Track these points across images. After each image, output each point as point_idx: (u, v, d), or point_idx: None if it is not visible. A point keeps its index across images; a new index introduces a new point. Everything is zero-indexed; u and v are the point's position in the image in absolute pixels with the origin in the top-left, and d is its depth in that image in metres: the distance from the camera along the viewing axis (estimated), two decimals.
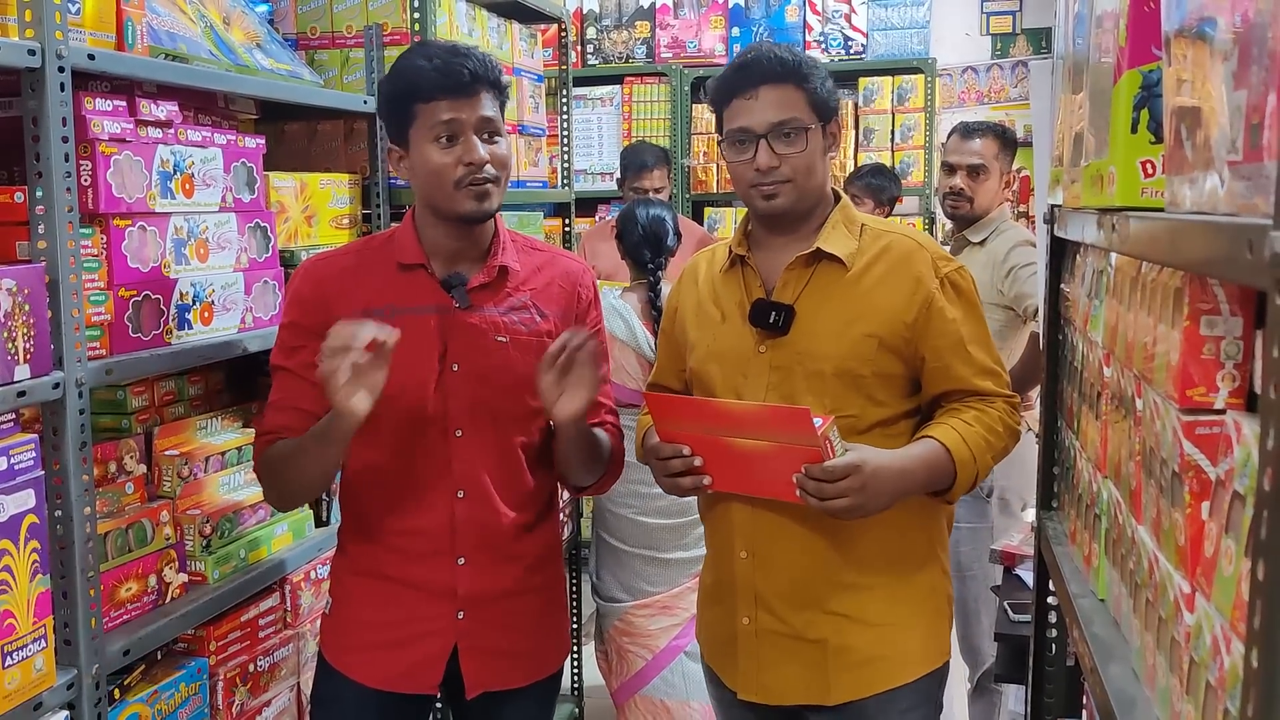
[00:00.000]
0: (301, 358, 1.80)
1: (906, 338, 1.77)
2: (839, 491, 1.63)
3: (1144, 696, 1.08)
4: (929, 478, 1.72)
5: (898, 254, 1.80)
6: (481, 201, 1.76)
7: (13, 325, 1.51)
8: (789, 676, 1.83)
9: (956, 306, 1.79)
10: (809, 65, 1.81)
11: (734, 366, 1.83)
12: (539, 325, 1.85)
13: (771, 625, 1.83)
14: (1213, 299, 0.93)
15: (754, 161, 1.77)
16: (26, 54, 1.55)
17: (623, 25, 5.65)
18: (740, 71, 1.81)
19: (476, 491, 1.83)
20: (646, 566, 3.10)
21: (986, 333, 1.83)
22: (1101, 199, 1.17)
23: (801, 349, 1.78)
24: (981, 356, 1.80)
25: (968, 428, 1.74)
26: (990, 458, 1.76)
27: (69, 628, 1.65)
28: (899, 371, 1.79)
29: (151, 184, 1.85)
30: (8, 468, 1.50)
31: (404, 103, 1.76)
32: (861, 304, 1.78)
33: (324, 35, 2.61)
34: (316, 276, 1.85)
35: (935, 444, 1.73)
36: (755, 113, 1.78)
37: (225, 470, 2.11)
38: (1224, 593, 0.83)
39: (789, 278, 1.81)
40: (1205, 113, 0.81)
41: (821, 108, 1.80)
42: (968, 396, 1.79)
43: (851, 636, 1.80)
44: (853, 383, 1.77)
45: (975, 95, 5.88)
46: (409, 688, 1.86)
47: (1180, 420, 0.94)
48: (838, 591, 1.80)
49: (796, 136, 1.77)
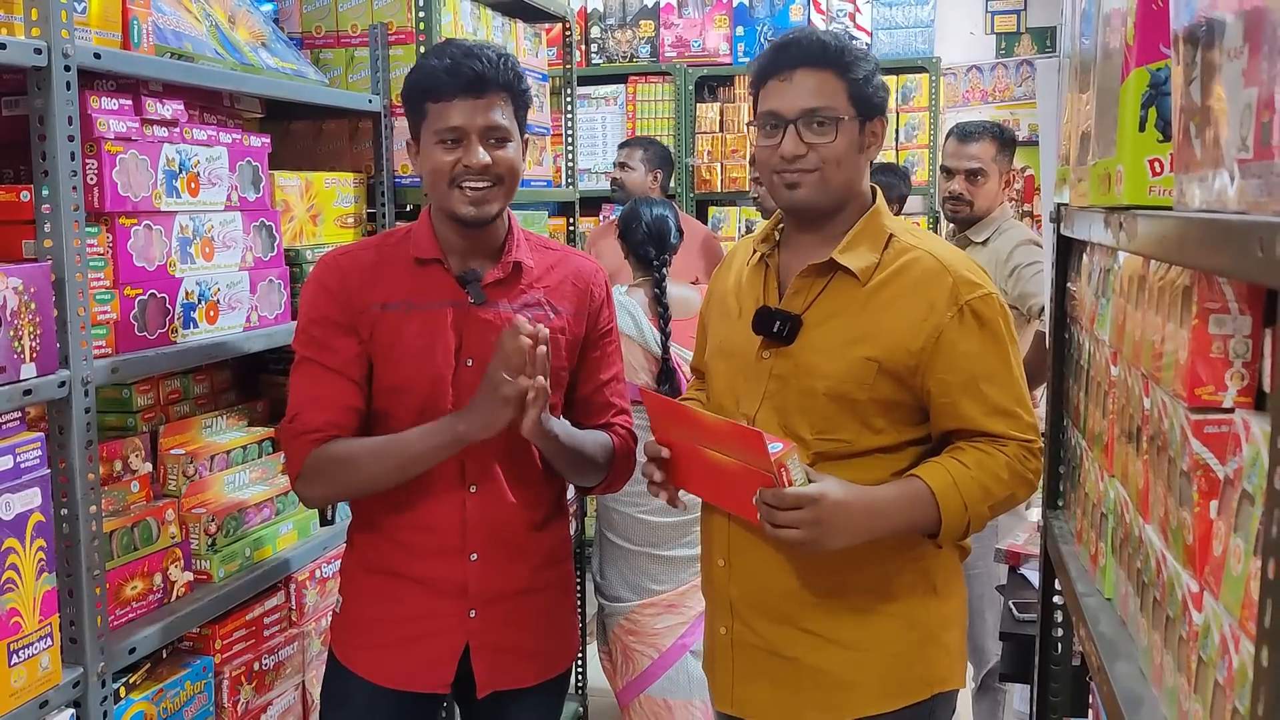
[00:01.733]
0: (339, 355, 1.79)
1: (911, 366, 1.65)
2: (789, 521, 1.55)
3: (1151, 695, 1.08)
4: (906, 521, 1.63)
5: (917, 274, 1.67)
6: (477, 206, 1.76)
7: (19, 324, 1.51)
8: (762, 692, 1.77)
9: (974, 339, 1.65)
10: (855, 55, 1.69)
11: (738, 368, 1.78)
12: (552, 322, 1.84)
13: (746, 637, 1.77)
14: (1221, 297, 0.93)
15: (780, 147, 1.68)
16: (33, 53, 1.55)
17: (627, 24, 5.65)
18: (778, 52, 1.71)
19: (488, 487, 1.83)
20: (651, 564, 3.10)
21: (1009, 368, 1.67)
22: (1109, 198, 1.17)
23: (800, 363, 1.70)
24: (996, 395, 1.65)
25: (963, 471, 1.63)
26: (987, 507, 1.64)
27: (75, 626, 1.65)
28: (903, 399, 1.68)
29: (157, 183, 1.85)
30: (13, 466, 1.50)
31: (418, 100, 1.78)
32: (868, 324, 1.67)
33: (329, 34, 2.61)
34: (341, 269, 1.84)
35: (920, 485, 1.62)
36: (787, 96, 1.68)
37: (230, 469, 2.11)
38: (1233, 592, 0.83)
39: (800, 285, 1.73)
40: (1215, 110, 0.81)
41: (863, 102, 1.68)
42: (976, 437, 1.66)
43: (824, 658, 1.72)
44: (847, 406, 1.67)
45: (980, 94, 5.87)
46: (420, 686, 1.86)
47: (1189, 419, 0.94)
48: (812, 609, 1.72)
49: (828, 126, 1.66)
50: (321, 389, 1.80)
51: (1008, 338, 1.68)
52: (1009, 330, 1.68)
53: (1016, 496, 1.67)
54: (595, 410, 1.94)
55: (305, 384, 1.81)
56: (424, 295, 1.80)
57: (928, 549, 1.72)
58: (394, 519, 1.85)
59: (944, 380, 1.65)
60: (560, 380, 1.88)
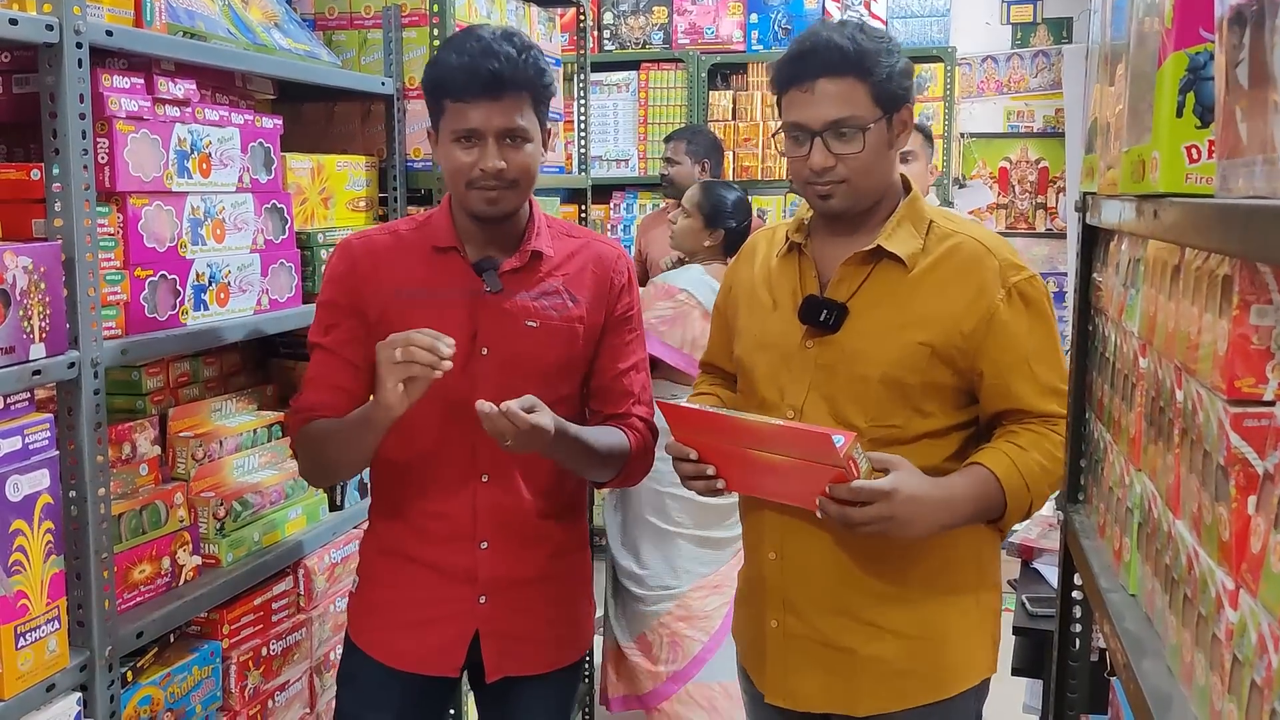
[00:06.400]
0: (337, 335, 1.81)
1: (962, 349, 1.66)
2: (864, 517, 1.55)
3: (1180, 694, 1.06)
4: (976, 509, 1.63)
5: (963, 257, 1.69)
6: (491, 205, 1.75)
7: (29, 304, 1.49)
8: (815, 683, 1.77)
9: (1023, 319, 1.67)
10: (874, 52, 1.66)
11: (779, 359, 1.76)
12: (570, 311, 1.83)
13: (799, 630, 1.77)
14: (1263, 287, 0.90)
15: (809, 160, 1.67)
16: (44, 29, 1.53)
17: (640, 11, 5.62)
18: (797, 62, 1.68)
19: (501, 476, 1.82)
20: (700, 547, 3.09)
21: (1056, 349, 1.70)
22: (1144, 185, 1.14)
23: (849, 350, 1.69)
24: (1047, 375, 1.68)
25: (1021, 453, 1.64)
26: (1047, 486, 1.66)
27: (82, 609, 1.64)
28: (951, 383, 1.69)
29: (168, 163, 1.83)
30: (22, 447, 1.49)
31: (435, 95, 1.77)
32: (918, 309, 1.67)
33: (342, 15, 2.59)
34: (354, 254, 1.84)
35: (984, 471, 1.63)
36: (811, 107, 1.65)
37: (240, 453, 2.10)
38: (1273, 590, 0.81)
39: (845, 273, 1.72)
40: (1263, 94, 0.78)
41: (887, 98, 1.66)
42: (1027, 418, 1.68)
43: (882, 647, 1.73)
44: (899, 392, 1.67)
45: (995, 85, 5.83)
46: (431, 669, 1.87)
47: (1228, 412, 0.91)
48: (869, 600, 1.72)
49: (854, 136, 1.65)
50: (318, 369, 1.83)
51: (1052, 318, 1.71)
52: (1052, 310, 1.72)
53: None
54: (613, 399, 1.91)
55: (311, 365, 1.85)
56: (441, 283, 1.79)
57: (983, 538, 1.75)
58: (409, 503, 1.85)
59: (997, 361, 1.67)
60: (575, 369, 1.87)
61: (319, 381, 1.82)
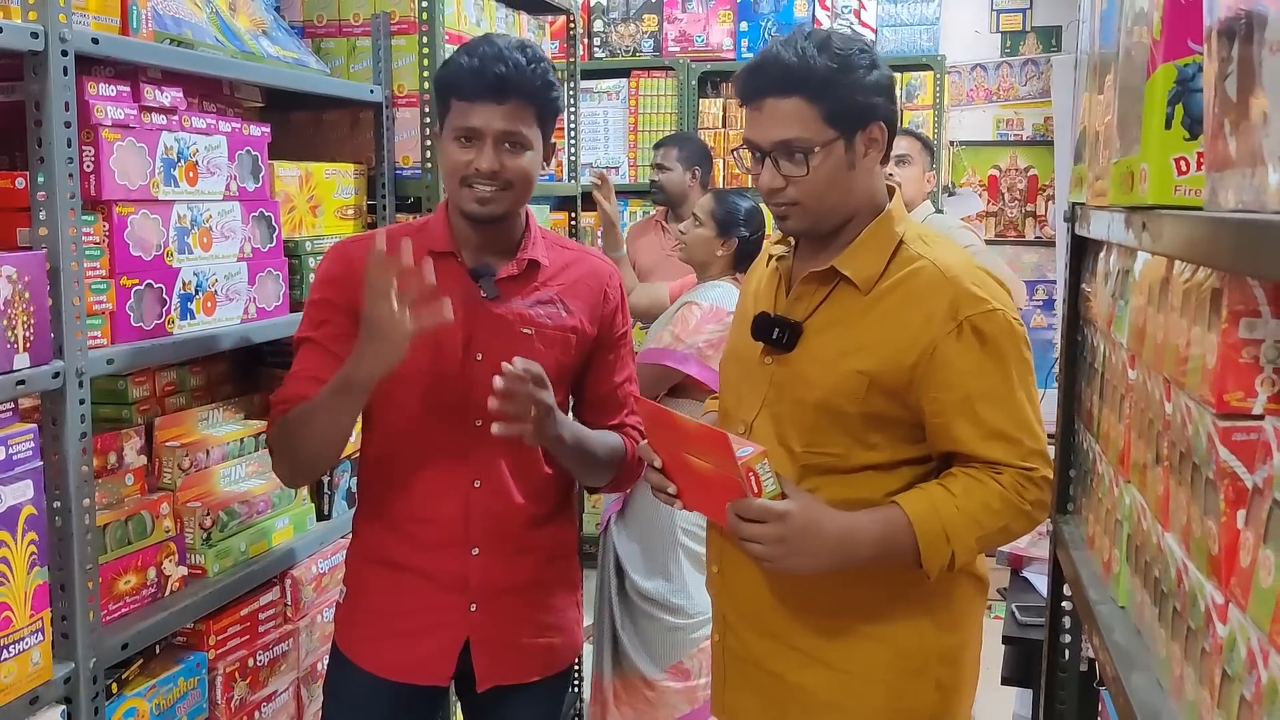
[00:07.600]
0: (328, 330, 1.79)
1: (904, 382, 1.56)
2: (753, 535, 1.47)
3: (1170, 708, 1.06)
4: (881, 550, 1.53)
5: (917, 285, 1.58)
6: (483, 205, 1.75)
7: (13, 313, 1.48)
8: (749, 703, 1.74)
9: (971, 356, 1.54)
10: (828, 69, 1.55)
11: (743, 372, 1.74)
12: (565, 320, 1.84)
13: (735, 647, 1.75)
14: (1252, 300, 0.90)
15: (759, 179, 1.62)
16: (29, 37, 1.52)
17: (630, 18, 5.61)
18: (746, 78, 1.62)
19: (493, 482, 1.82)
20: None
21: (1010, 390, 1.56)
22: (1132, 197, 1.14)
23: (795, 372, 1.64)
24: (994, 418, 1.55)
25: (948, 499, 1.53)
26: (975, 539, 1.54)
27: (67, 621, 1.62)
28: (897, 415, 1.59)
29: (155, 171, 1.82)
30: (6, 458, 1.47)
31: (443, 94, 1.78)
32: (865, 335, 1.59)
33: (330, 23, 2.58)
34: (349, 256, 1.83)
35: (897, 512, 1.53)
36: (759, 126, 1.60)
37: (226, 462, 2.08)
38: (1262, 604, 0.80)
39: (802, 292, 1.67)
40: (1253, 107, 0.78)
41: (847, 117, 1.57)
42: (972, 462, 1.57)
43: (809, 676, 1.66)
44: (836, 419, 1.60)
45: (984, 93, 5.84)
46: (420, 679, 1.86)
47: (1217, 426, 0.91)
48: (799, 626, 1.66)
49: (800, 160, 1.57)
50: (304, 363, 1.81)
51: (1014, 357, 1.57)
52: (1017, 350, 1.58)
53: (1011, 529, 1.58)
54: (609, 410, 1.95)
55: (296, 361, 1.83)
56: (437, 288, 1.78)
57: (952, 578, 1.63)
58: (398, 510, 1.84)
59: (937, 399, 1.56)
60: (566, 379, 1.88)
61: (304, 374, 1.79)
